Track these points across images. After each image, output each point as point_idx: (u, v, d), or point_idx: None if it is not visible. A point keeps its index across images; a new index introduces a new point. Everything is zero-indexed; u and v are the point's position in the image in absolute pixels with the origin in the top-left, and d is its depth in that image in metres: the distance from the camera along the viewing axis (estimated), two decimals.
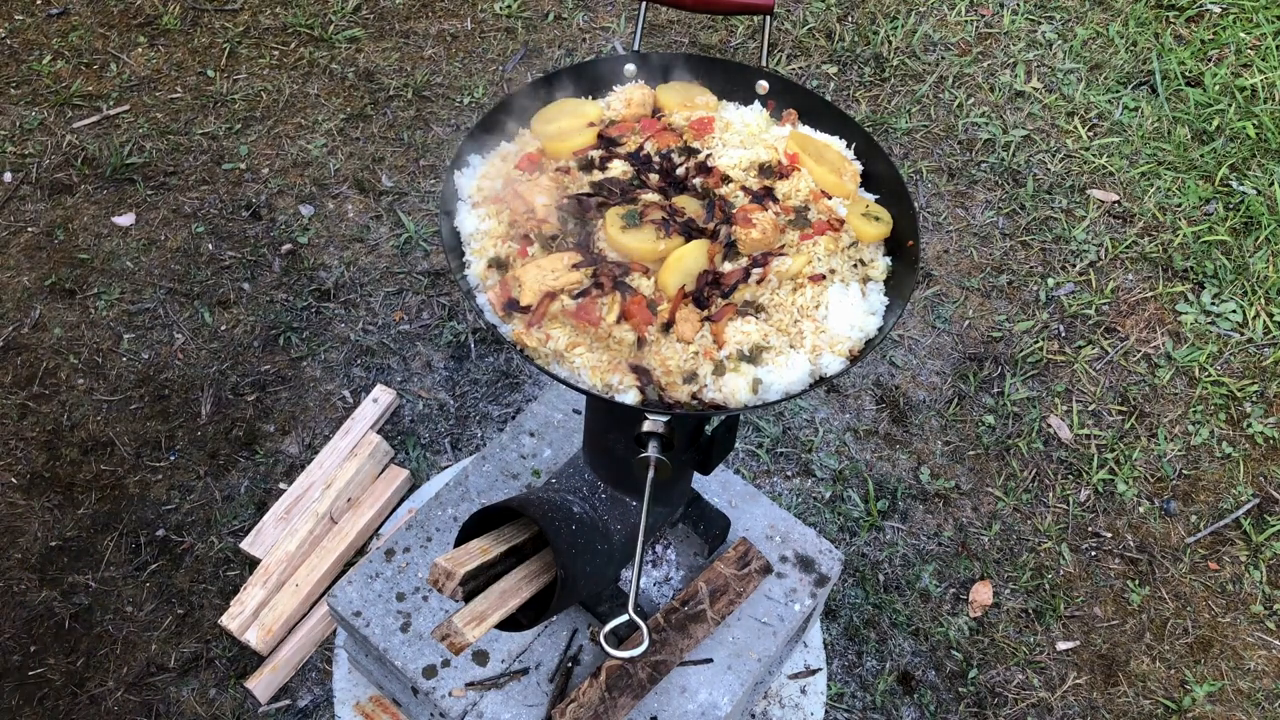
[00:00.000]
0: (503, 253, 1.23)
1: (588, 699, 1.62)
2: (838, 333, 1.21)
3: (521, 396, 2.53)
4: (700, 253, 1.22)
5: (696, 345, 1.17)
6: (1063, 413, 2.63)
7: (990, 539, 2.40)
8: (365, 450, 2.30)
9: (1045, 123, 3.28)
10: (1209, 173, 3.17)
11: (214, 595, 2.16)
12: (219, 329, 2.58)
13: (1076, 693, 2.21)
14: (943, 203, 3.04)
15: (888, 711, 2.15)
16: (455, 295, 2.69)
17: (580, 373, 1.15)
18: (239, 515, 2.27)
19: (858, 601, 2.27)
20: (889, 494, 2.44)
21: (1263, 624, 2.33)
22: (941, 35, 3.49)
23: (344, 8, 3.38)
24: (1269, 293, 2.90)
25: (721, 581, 1.77)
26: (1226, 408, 2.68)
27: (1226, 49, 3.53)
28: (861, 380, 2.63)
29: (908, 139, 3.19)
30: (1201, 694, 2.21)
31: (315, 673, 2.09)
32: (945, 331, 2.75)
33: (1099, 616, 2.32)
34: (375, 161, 2.97)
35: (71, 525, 2.24)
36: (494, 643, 1.71)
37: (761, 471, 2.44)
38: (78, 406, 2.42)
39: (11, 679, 2.04)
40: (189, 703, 2.03)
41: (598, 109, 1.40)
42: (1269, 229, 3.03)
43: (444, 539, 1.82)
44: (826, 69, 3.34)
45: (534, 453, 1.94)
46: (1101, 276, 2.92)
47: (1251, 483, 2.56)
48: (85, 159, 2.91)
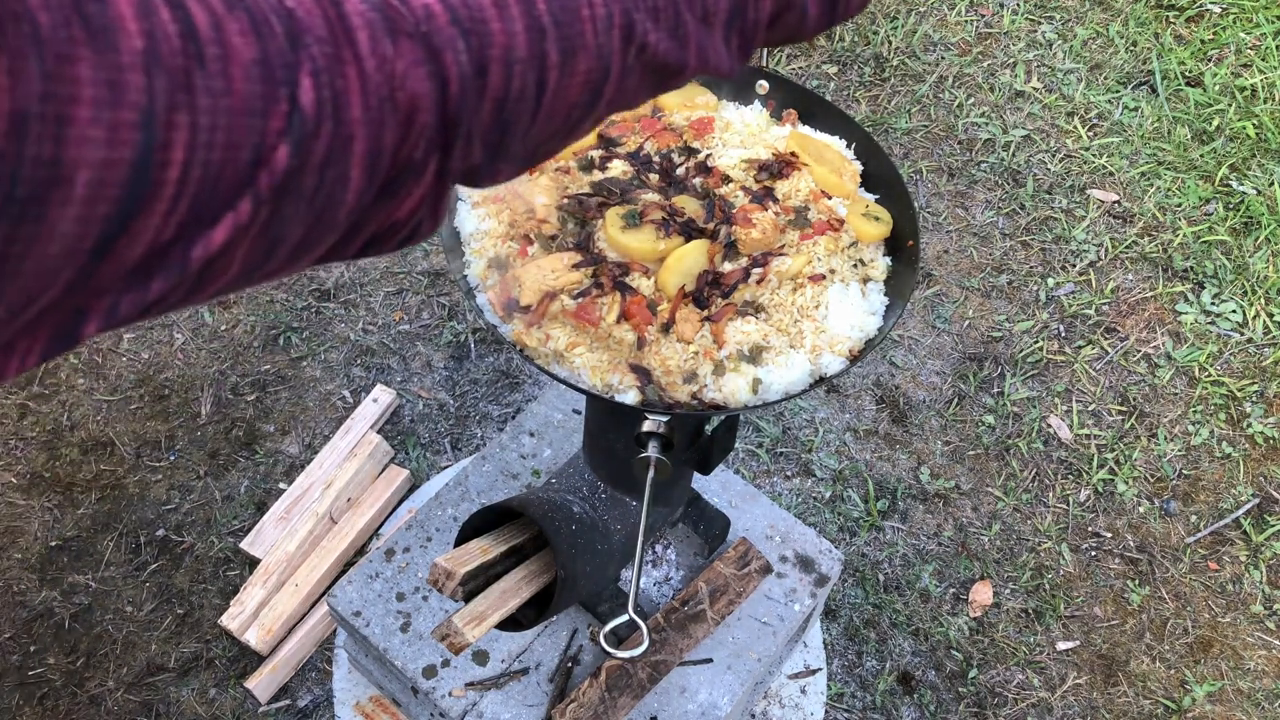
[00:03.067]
0: (503, 253, 1.23)
1: (588, 699, 1.62)
2: (838, 333, 1.21)
3: (521, 396, 2.53)
4: (700, 253, 1.22)
5: (696, 345, 1.17)
6: (1063, 413, 2.63)
7: (990, 539, 2.40)
8: (365, 450, 2.30)
9: (1045, 123, 3.28)
10: (1209, 173, 3.18)
11: (214, 595, 2.16)
12: (219, 329, 2.58)
13: (1076, 693, 2.21)
14: (943, 203, 3.04)
15: (888, 711, 2.15)
16: (455, 295, 2.69)
17: (580, 373, 1.15)
18: (239, 515, 2.27)
19: (858, 601, 2.27)
20: (889, 494, 2.44)
21: (1263, 624, 2.33)
22: (941, 35, 3.49)
23: None
24: (1269, 293, 2.90)
25: (721, 581, 1.77)
26: (1226, 408, 2.68)
27: (1226, 49, 3.53)
28: (861, 380, 2.63)
29: (908, 139, 3.19)
30: (1201, 694, 2.21)
31: (315, 673, 2.09)
32: (945, 331, 2.75)
33: (1099, 616, 2.32)
34: None
35: (71, 525, 2.24)
36: (494, 643, 1.71)
37: (761, 471, 2.44)
38: (77, 406, 2.42)
39: (11, 679, 2.04)
40: (189, 703, 2.03)
41: None
42: (1269, 229, 3.03)
43: (444, 539, 1.82)
44: (826, 69, 3.34)
45: (534, 453, 1.94)
46: (1101, 276, 2.92)
47: (1251, 483, 2.56)
48: None
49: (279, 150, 0.45)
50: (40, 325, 0.42)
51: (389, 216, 0.55)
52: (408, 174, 0.53)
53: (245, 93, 0.43)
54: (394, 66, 0.49)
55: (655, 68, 0.65)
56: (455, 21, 0.53)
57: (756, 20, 0.71)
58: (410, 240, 0.58)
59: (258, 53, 0.44)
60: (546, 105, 0.59)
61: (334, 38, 0.47)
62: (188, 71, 0.41)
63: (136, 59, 0.39)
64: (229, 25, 0.43)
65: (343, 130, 0.48)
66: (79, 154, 0.37)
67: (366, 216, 0.54)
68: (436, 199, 0.57)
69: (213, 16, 0.42)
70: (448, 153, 0.55)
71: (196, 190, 0.42)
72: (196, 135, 0.41)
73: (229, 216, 0.44)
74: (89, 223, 0.39)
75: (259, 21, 0.44)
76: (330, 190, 0.49)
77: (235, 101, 0.42)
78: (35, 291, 0.40)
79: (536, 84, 0.57)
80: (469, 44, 0.53)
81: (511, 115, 0.57)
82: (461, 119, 0.54)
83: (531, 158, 0.63)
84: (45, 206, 0.37)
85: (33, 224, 0.37)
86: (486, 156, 0.58)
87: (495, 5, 0.55)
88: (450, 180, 0.57)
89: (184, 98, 0.40)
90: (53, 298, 0.41)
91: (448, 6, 0.53)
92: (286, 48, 0.45)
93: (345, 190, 0.50)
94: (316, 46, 0.46)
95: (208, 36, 0.42)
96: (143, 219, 0.41)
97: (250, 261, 0.48)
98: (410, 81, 0.50)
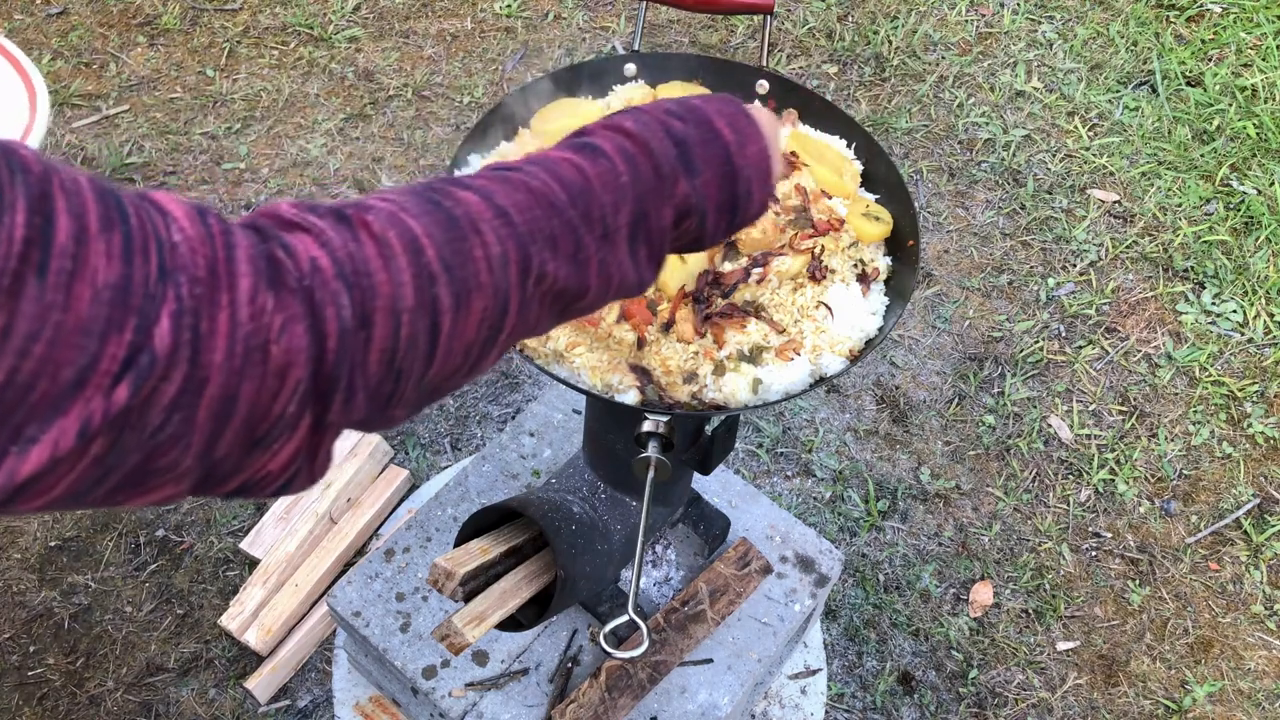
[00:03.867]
0: None
1: (588, 699, 1.61)
2: (838, 333, 1.20)
3: (521, 396, 2.53)
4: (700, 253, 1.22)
5: (697, 345, 1.16)
6: (1063, 413, 2.63)
7: (990, 539, 2.40)
8: (365, 450, 2.30)
9: (1045, 122, 3.28)
10: (1209, 173, 3.17)
11: (214, 595, 2.16)
12: None
13: (1077, 693, 2.20)
14: (943, 202, 3.04)
15: (888, 711, 2.14)
16: None
17: (580, 373, 1.15)
18: (239, 515, 2.27)
19: (858, 601, 2.27)
20: (889, 494, 2.44)
21: (1263, 624, 2.33)
22: (942, 35, 3.49)
23: (344, 7, 3.37)
24: (1269, 293, 2.90)
25: (721, 582, 1.77)
26: (1227, 408, 2.68)
27: (1227, 49, 3.53)
28: (861, 380, 2.63)
29: (908, 139, 3.18)
30: (1202, 694, 2.21)
31: (315, 673, 2.09)
32: (945, 331, 2.75)
33: (1099, 616, 2.32)
34: (375, 161, 2.97)
35: (71, 525, 2.24)
36: (494, 643, 1.71)
37: (761, 471, 2.44)
38: None
39: (11, 679, 2.04)
40: (189, 703, 2.03)
41: (598, 108, 1.40)
42: (1269, 229, 3.03)
43: (444, 539, 1.82)
44: (826, 69, 3.34)
45: (534, 453, 1.94)
46: (1102, 276, 2.91)
47: (1252, 483, 2.55)
48: (85, 158, 2.91)
49: (120, 385, 0.43)
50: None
51: (262, 467, 0.54)
52: (280, 428, 0.52)
53: (86, 314, 0.42)
54: (272, 320, 0.49)
55: (556, 294, 0.65)
56: (340, 275, 0.53)
57: (660, 227, 0.72)
58: (286, 490, 0.57)
59: (118, 278, 0.43)
60: (442, 348, 0.59)
61: (213, 279, 0.47)
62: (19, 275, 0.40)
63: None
64: (95, 244, 0.42)
65: (198, 373, 0.46)
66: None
67: (235, 465, 0.52)
68: (312, 452, 0.56)
69: (81, 231, 0.42)
70: (325, 408, 0.54)
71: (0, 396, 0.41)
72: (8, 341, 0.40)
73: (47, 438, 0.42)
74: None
75: (133, 248, 0.44)
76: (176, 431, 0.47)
77: (69, 318, 0.41)
78: None
79: (429, 329, 0.57)
80: (352, 298, 0.53)
81: (404, 364, 0.57)
82: (340, 374, 0.53)
83: (431, 397, 0.63)
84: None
85: None
86: (374, 408, 0.57)
87: (381, 256, 0.55)
88: (331, 433, 0.57)
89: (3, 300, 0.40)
90: None
91: (334, 260, 0.53)
92: (156, 280, 0.44)
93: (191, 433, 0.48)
94: (187, 286, 0.46)
95: (61, 248, 0.41)
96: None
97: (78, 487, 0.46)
98: (286, 337, 0.50)
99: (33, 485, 0.44)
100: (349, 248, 0.54)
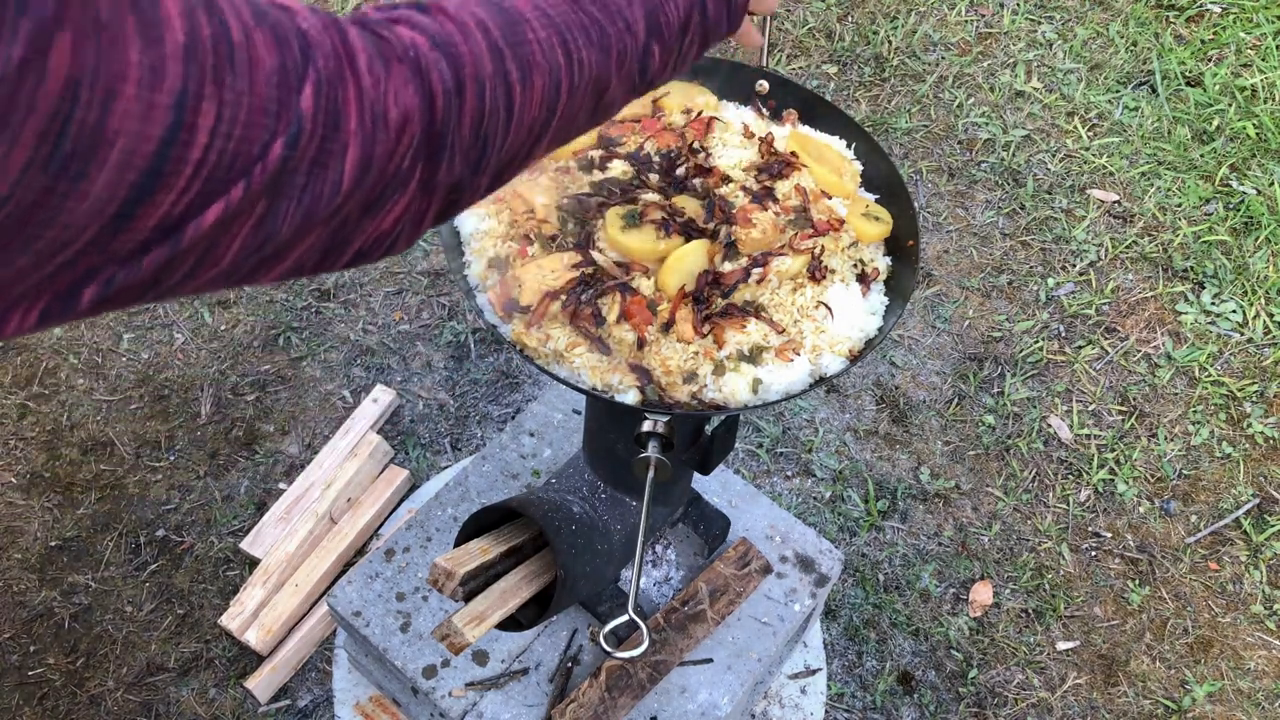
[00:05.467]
0: (502, 252, 1.23)
1: (588, 699, 1.61)
2: (838, 333, 1.21)
3: (521, 396, 2.53)
4: (700, 253, 1.22)
5: (696, 345, 1.17)
6: (1063, 413, 2.63)
7: (990, 539, 2.40)
8: (365, 450, 2.30)
9: (1045, 122, 3.28)
10: (1209, 173, 3.18)
11: (214, 595, 2.16)
12: (219, 329, 2.58)
13: (1076, 693, 2.21)
14: (943, 203, 3.04)
15: (888, 711, 2.15)
16: (455, 295, 2.69)
17: (580, 373, 1.15)
18: (239, 515, 2.27)
19: (858, 601, 2.27)
20: (889, 494, 2.44)
21: (1263, 624, 2.33)
22: (941, 35, 3.49)
23: (343, 7, 3.37)
24: (1269, 293, 2.90)
25: (721, 581, 1.77)
26: (1226, 408, 2.68)
27: (1226, 49, 3.53)
28: (861, 380, 2.63)
29: (908, 139, 3.19)
30: (1201, 694, 2.21)
31: (315, 673, 2.09)
32: (945, 331, 2.75)
33: (1099, 616, 2.32)
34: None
35: (71, 525, 2.24)
36: (494, 643, 1.71)
37: (761, 471, 2.44)
38: (77, 406, 2.42)
39: (11, 679, 2.04)
40: (189, 703, 2.03)
41: None
42: (1269, 229, 3.03)
43: (444, 539, 1.82)
44: (826, 69, 3.34)
45: (534, 453, 1.94)
46: (1101, 276, 2.92)
47: (1251, 483, 2.56)
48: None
49: (275, 145, 0.51)
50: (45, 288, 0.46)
51: (376, 228, 0.61)
52: (394, 184, 0.60)
53: (264, 95, 0.50)
54: (387, 85, 0.57)
55: (591, 82, 0.73)
56: (435, 46, 0.61)
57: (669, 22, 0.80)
58: (392, 249, 0.65)
59: (278, 62, 0.51)
60: (515, 118, 0.67)
61: (338, 57, 0.55)
62: (218, 69, 0.47)
63: (178, 51, 0.45)
64: (256, 36, 0.50)
65: (339, 137, 0.54)
66: (120, 124, 0.43)
67: (354, 229, 0.60)
68: (421, 213, 0.64)
69: (244, 27, 0.50)
70: (434, 165, 0.62)
71: (210, 174, 0.48)
72: (219, 125, 0.47)
73: (220, 201, 0.49)
74: (118, 186, 0.44)
75: (280, 38, 0.52)
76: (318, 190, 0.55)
77: (255, 100, 0.49)
78: (62, 243, 0.45)
79: (505, 100, 0.65)
80: (449, 64, 0.61)
81: (489, 130, 0.65)
82: (446, 132, 0.61)
83: (502, 174, 0.70)
84: (86, 164, 0.43)
85: (73, 179, 0.43)
86: (468, 170, 0.65)
87: (460, 32, 0.64)
88: (436, 195, 0.64)
89: (213, 90, 0.47)
90: (71, 254, 0.46)
91: (428, 35, 0.62)
92: (300, 61, 0.52)
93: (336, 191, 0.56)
94: (323, 61, 0.54)
95: (239, 42, 0.49)
96: (161, 192, 0.46)
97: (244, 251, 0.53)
98: (402, 98, 0.58)
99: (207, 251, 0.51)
100: (435, 26, 0.63)
